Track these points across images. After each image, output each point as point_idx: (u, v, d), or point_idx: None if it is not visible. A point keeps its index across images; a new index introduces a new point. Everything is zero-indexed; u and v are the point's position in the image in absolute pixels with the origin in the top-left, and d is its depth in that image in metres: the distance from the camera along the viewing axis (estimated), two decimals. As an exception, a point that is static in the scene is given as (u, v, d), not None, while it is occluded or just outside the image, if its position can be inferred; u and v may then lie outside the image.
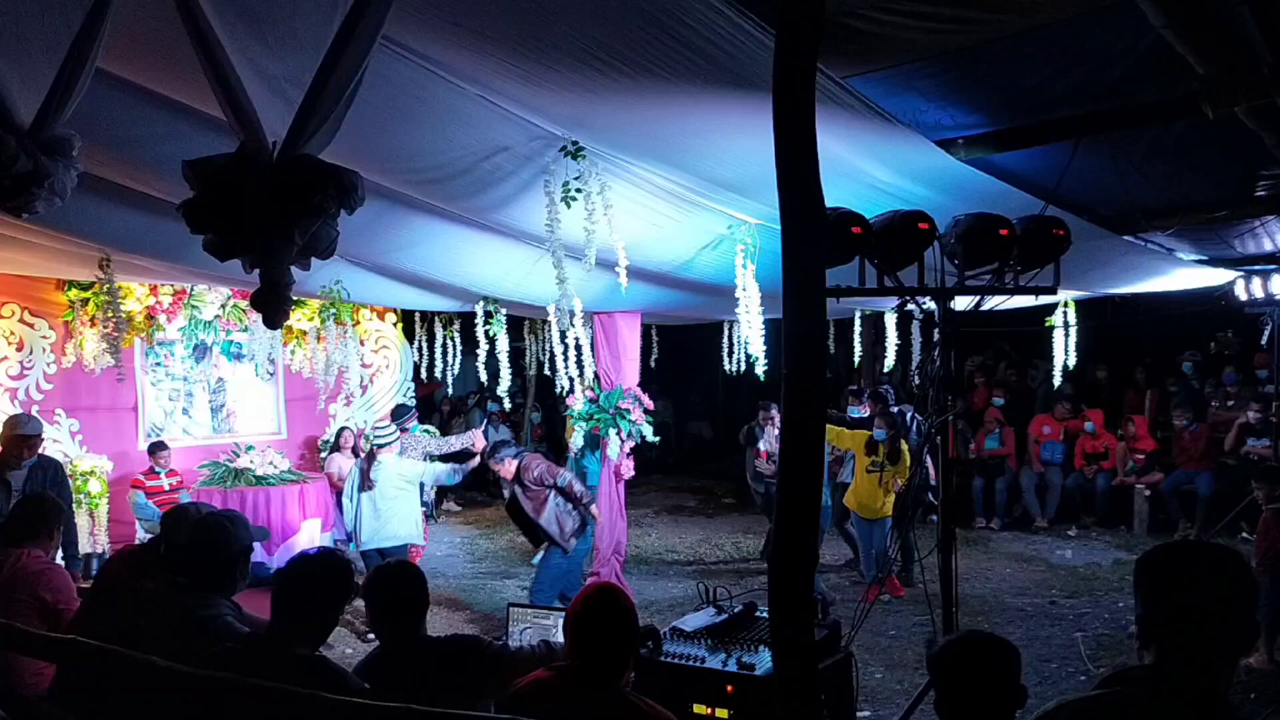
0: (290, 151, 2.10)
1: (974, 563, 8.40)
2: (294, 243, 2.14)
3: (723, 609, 3.90)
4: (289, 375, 9.57)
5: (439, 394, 13.88)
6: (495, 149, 3.65)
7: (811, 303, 1.73)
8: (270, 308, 2.21)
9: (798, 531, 1.66)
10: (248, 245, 2.14)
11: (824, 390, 1.72)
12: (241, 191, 2.09)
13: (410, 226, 4.98)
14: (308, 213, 2.14)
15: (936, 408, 3.96)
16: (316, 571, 2.59)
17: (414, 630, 2.77)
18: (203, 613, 2.82)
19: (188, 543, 2.95)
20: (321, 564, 2.63)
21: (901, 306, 4.26)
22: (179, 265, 6.01)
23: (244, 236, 2.13)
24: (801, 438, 1.63)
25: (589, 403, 7.34)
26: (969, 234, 3.90)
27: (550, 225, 3.78)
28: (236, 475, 8.31)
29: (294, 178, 2.10)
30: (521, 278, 5.96)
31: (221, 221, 2.13)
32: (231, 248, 2.16)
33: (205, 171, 2.14)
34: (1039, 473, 10.17)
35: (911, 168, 4.03)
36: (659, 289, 6.36)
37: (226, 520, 3.02)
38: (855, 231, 3.67)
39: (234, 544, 2.95)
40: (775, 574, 1.69)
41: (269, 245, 2.12)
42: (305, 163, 2.13)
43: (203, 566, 2.91)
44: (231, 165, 2.12)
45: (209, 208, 2.13)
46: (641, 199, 4.28)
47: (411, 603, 2.77)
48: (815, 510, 1.62)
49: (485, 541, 9.97)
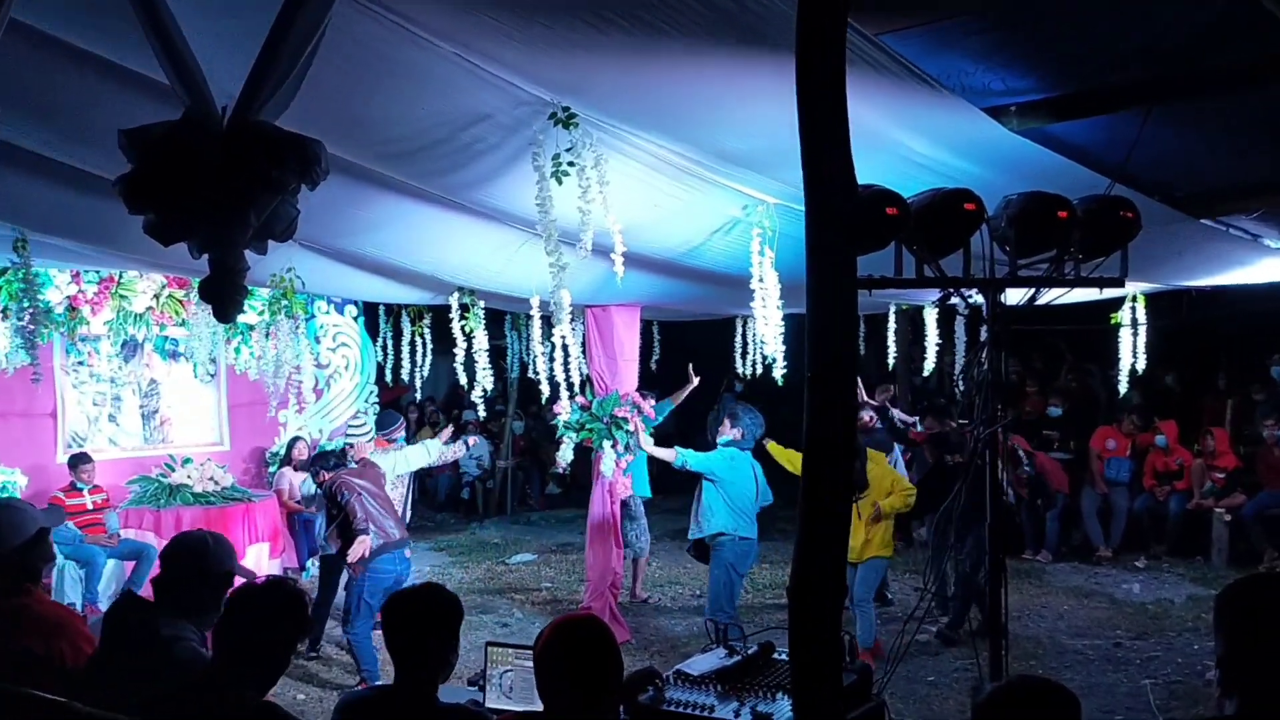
0: (243, 118, 2.12)
1: (1026, 598, 8.41)
2: (249, 223, 2.15)
3: (735, 650, 3.91)
4: (233, 377, 9.59)
5: (406, 399, 13.89)
6: (475, 117, 3.66)
7: (839, 295, 1.74)
8: (222, 298, 2.22)
9: (822, 560, 1.67)
10: (196, 226, 2.15)
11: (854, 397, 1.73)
12: (187, 164, 2.10)
13: (375, 206, 4.99)
14: (265, 188, 2.15)
15: (984, 418, 3.97)
16: (264, 604, 2.60)
17: (429, 679, 2.71)
18: (167, 632, 2.84)
19: (166, 561, 3.00)
20: (270, 595, 2.64)
21: (944, 300, 4.27)
22: (111, 249, 6.02)
23: (191, 216, 2.14)
24: (828, 451, 1.64)
25: (580, 410, 7.35)
26: (1022, 216, 3.90)
27: (542, 204, 3.79)
28: (171, 492, 8.33)
29: (248, 148, 2.11)
30: (503, 265, 5.97)
31: (165, 199, 2.13)
32: (177, 229, 2.17)
33: (145, 142, 2.15)
34: (1102, 494, 10.18)
35: (956, 139, 4.04)
36: (662, 279, 6.36)
37: (209, 537, 3.05)
38: (890, 213, 3.68)
39: (213, 567, 2.97)
40: (797, 609, 1.70)
41: (220, 226, 2.13)
42: (261, 131, 2.14)
43: (175, 586, 2.93)
44: (175, 134, 2.13)
45: (150, 183, 2.14)
46: (642, 175, 4.29)
47: (433, 640, 2.71)
48: (843, 535, 1.63)
49: (458, 571, 9.99)
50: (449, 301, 7.26)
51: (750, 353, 10.27)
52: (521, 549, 10.97)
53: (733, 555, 6.55)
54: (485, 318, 7.28)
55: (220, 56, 2.31)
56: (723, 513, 6.52)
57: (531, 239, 5.08)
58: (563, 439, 7.41)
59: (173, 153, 2.11)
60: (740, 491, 6.59)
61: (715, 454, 6.65)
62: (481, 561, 10.35)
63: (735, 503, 6.55)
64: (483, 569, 10.04)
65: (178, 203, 2.12)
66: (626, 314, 7.57)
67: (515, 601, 8.71)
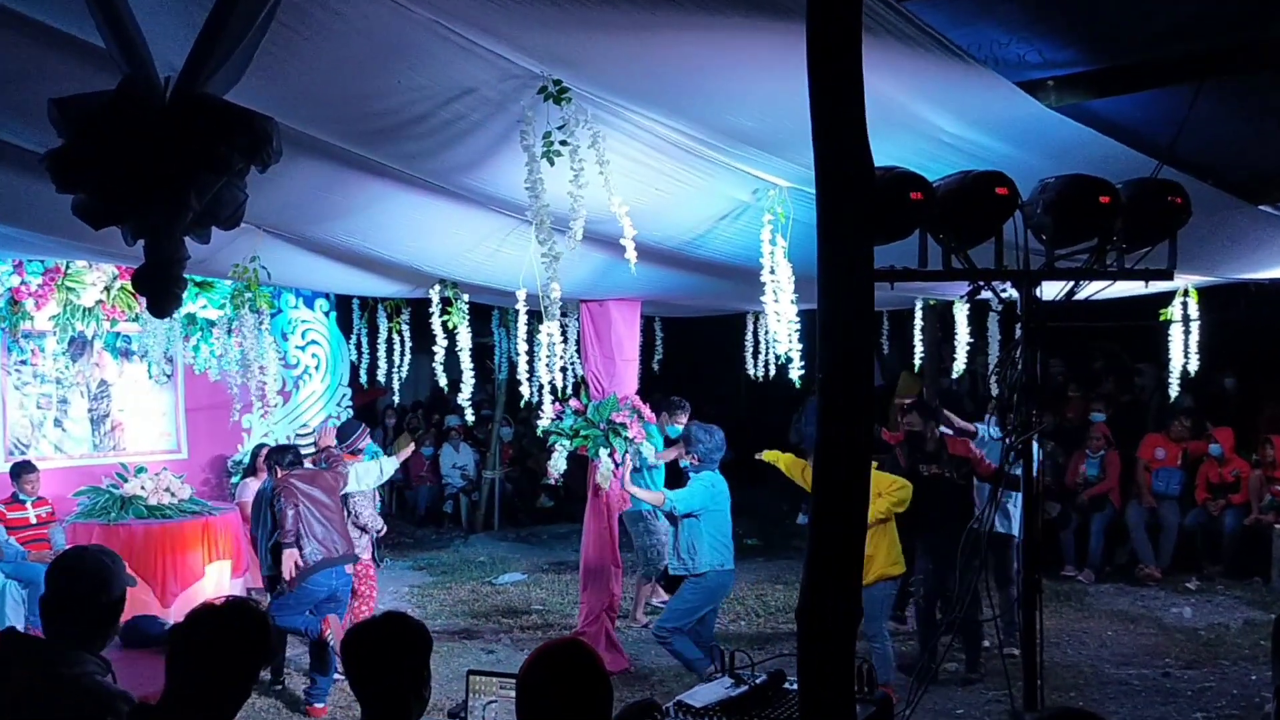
0: (187, 90, 2.11)
1: (1064, 622, 8.39)
2: (189, 206, 2.15)
3: (742, 679, 3.91)
4: (191, 378, 9.60)
5: (382, 402, 13.92)
6: (456, 91, 3.66)
7: (854, 288, 1.74)
8: (157, 290, 2.21)
9: (834, 579, 1.67)
10: (130, 208, 2.15)
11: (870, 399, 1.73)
12: (124, 139, 2.09)
13: (348, 190, 4.99)
14: (208, 168, 2.14)
15: (1019, 424, 3.97)
16: (224, 627, 2.60)
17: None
18: (69, 671, 2.83)
19: (54, 586, 2.97)
20: (230, 618, 2.64)
21: (974, 294, 4.28)
22: (55, 236, 6.02)
23: (126, 197, 2.13)
24: (840, 459, 1.64)
25: (574, 415, 7.35)
26: (1061, 202, 3.91)
27: (532, 187, 3.79)
28: (123, 505, 8.33)
29: (191, 123, 2.10)
30: (488, 255, 5.97)
31: (97, 177, 2.13)
32: (109, 211, 2.16)
33: (77, 113, 2.14)
34: (1150, 508, 10.17)
35: (986, 117, 4.03)
36: (664, 271, 6.36)
37: (106, 558, 3.03)
38: (914, 198, 3.69)
39: (115, 588, 2.96)
40: (806, 633, 1.70)
41: (157, 209, 2.12)
42: (205, 104, 2.13)
43: (73, 615, 2.91)
44: (111, 106, 2.12)
45: (81, 160, 2.13)
46: (642, 156, 4.29)
47: (397, 677, 2.72)
48: (857, 552, 1.63)
49: (440, 592, 9.99)
50: (429, 295, 7.26)
51: (762, 352, 10.26)
52: (509, 568, 10.97)
53: (715, 585, 6.60)
54: (469, 313, 7.27)
55: (164, 21, 2.30)
56: (707, 547, 6.51)
57: (520, 226, 5.08)
58: (555, 447, 7.41)
59: (108, 126, 2.10)
60: (723, 520, 6.62)
61: (697, 486, 6.61)
62: (465, 582, 10.34)
63: (718, 533, 6.56)
64: (467, 590, 10.03)
65: (111, 181, 2.11)
66: (626, 309, 7.57)
67: (502, 626, 8.70)
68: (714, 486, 6.60)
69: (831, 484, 1.70)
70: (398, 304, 9.99)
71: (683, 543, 6.57)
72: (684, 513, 6.56)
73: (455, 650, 7.97)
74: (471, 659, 7.68)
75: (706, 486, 6.58)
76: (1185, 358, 8.69)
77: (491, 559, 11.50)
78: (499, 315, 11.46)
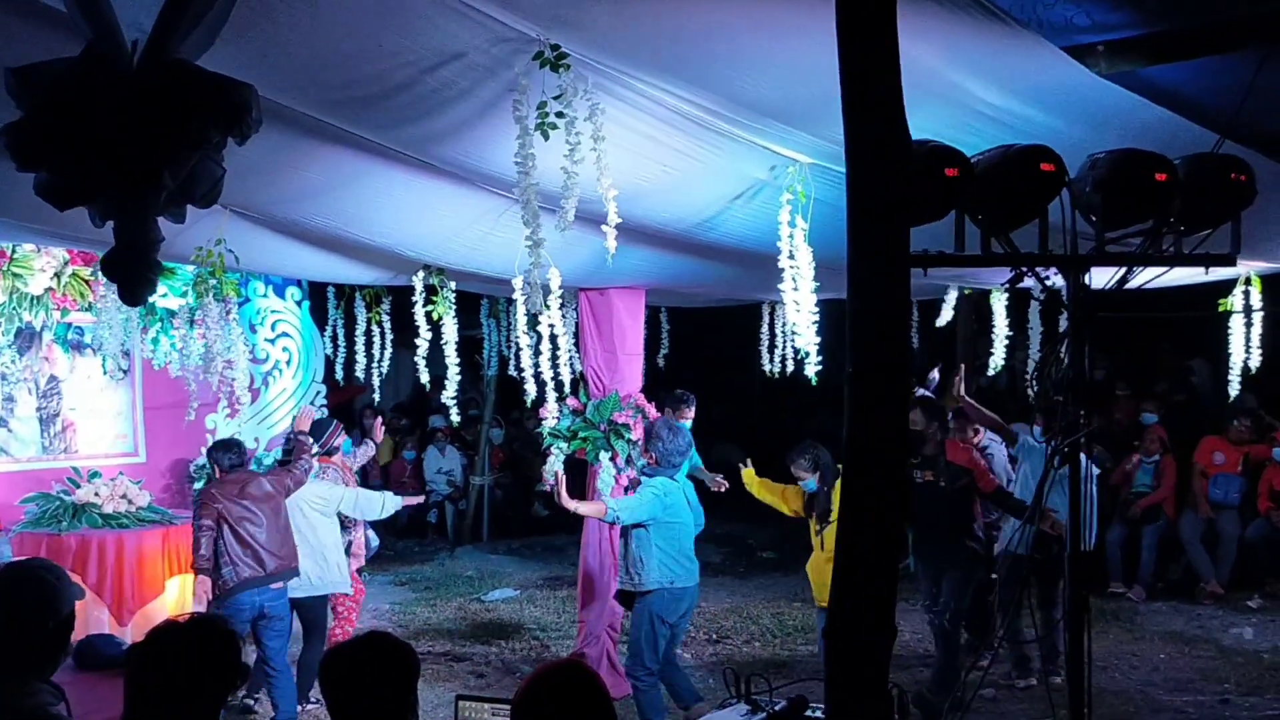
0: (158, 55, 2.11)
1: (1113, 644, 8.41)
2: (162, 184, 2.15)
3: (760, 706, 3.92)
4: (150, 374, 9.60)
5: (360, 400, 13.92)
6: (444, 57, 3.65)
7: (888, 275, 1.73)
8: (130, 275, 2.22)
9: (865, 593, 1.66)
10: (98, 187, 2.15)
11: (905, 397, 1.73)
12: (89, 111, 2.09)
13: (323, 166, 4.98)
14: (183, 141, 2.14)
15: (1065, 425, 3.97)
16: (189, 647, 2.61)
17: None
18: (22, 703, 2.83)
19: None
20: (195, 637, 2.64)
21: (1015, 282, 4.26)
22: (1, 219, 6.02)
23: (93, 175, 2.14)
24: (871, 462, 1.63)
25: (572, 415, 7.35)
26: (1112, 179, 3.90)
27: (522, 162, 3.78)
28: (75, 513, 8.34)
29: (164, 93, 2.10)
30: (479, 238, 5.97)
31: (61, 153, 2.13)
32: (76, 190, 2.16)
33: (38, 83, 2.15)
34: (1207, 518, 10.17)
35: (1030, 85, 4.02)
36: (671, 256, 6.36)
37: (49, 574, 3.02)
38: (950, 174, 3.68)
39: (62, 607, 2.95)
40: (834, 654, 1.70)
41: (128, 187, 2.12)
42: (179, 72, 2.14)
43: (18, 640, 2.90)
44: (75, 74, 2.12)
45: (43, 134, 2.14)
46: (647, 129, 4.28)
47: (379, 705, 2.72)
48: (890, 563, 1.62)
49: (424, 610, 10.01)
50: (412, 282, 7.26)
51: (779, 346, 10.25)
52: (501, 583, 10.98)
53: (660, 606, 6.39)
54: (457, 302, 7.27)
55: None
56: (655, 562, 6.37)
57: (513, 206, 5.06)
58: (550, 450, 7.41)
59: (71, 97, 2.11)
60: (676, 532, 6.45)
61: (646, 495, 6.45)
62: (452, 598, 10.35)
63: (670, 546, 6.40)
64: (454, 607, 10.04)
65: (77, 158, 2.11)
66: (629, 299, 7.57)
67: (493, 647, 8.72)
68: (667, 495, 6.44)
69: (861, 489, 1.70)
70: (377, 292, 9.99)
71: (630, 555, 6.44)
72: (628, 524, 6.42)
73: (442, 674, 7.98)
74: (460, 684, 7.71)
75: (657, 495, 6.41)
76: (1246, 352, 8.67)
77: (480, 573, 11.51)
78: (488, 305, 11.47)
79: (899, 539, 1.75)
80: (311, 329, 10.85)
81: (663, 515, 6.41)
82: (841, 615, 1.76)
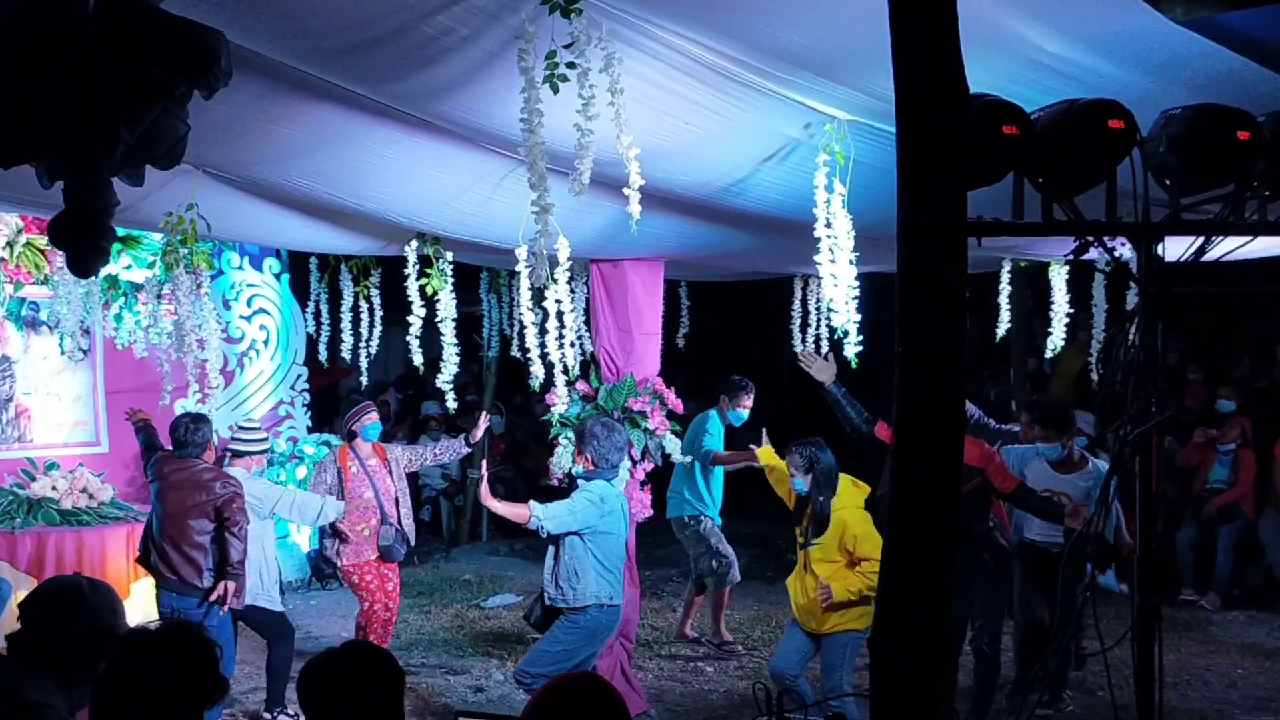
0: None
1: (1185, 657, 8.40)
2: (118, 140, 2.14)
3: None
4: (113, 354, 9.63)
5: (346, 384, 13.94)
6: (442, 2, 3.65)
7: (941, 245, 1.72)
8: (80, 243, 2.22)
9: (916, 598, 1.65)
10: (46, 142, 2.14)
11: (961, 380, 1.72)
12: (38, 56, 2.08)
13: (307, 122, 4.99)
14: (142, 92, 2.13)
15: (1134, 414, 3.95)
16: (161, 657, 2.62)
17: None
18: (31, 696, 2.89)
19: (27, 613, 3.12)
20: (168, 646, 2.66)
21: (1079, 253, 4.24)
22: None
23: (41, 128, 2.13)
24: (924, 452, 1.62)
25: (581, 401, 7.36)
26: (1189, 138, 3.88)
27: (528, 119, 3.77)
28: (30, 509, 8.38)
29: (122, 37, 2.09)
30: (479, 203, 5.98)
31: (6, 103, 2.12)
32: (21, 145, 2.16)
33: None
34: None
35: (1097, 33, 4.00)
36: (693, 224, 6.35)
37: (84, 584, 3.15)
38: (1007, 132, 3.66)
39: (88, 618, 3.06)
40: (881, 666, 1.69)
41: (80, 143, 2.12)
42: (140, 13, 2.13)
43: (39, 646, 3.02)
44: (23, 14, 2.11)
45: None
46: (668, 82, 4.26)
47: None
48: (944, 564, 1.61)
49: (418, 617, 10.04)
50: (405, 253, 7.26)
51: (812, 324, 10.23)
52: (501, 588, 11.01)
53: (595, 624, 6.37)
54: (454, 275, 7.27)
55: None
56: (592, 576, 6.30)
57: (519, 168, 5.07)
58: (558, 440, 7.42)
59: (18, 40, 2.10)
60: (614, 544, 6.39)
61: (579, 501, 6.34)
62: (449, 605, 10.39)
63: (607, 559, 6.35)
64: (450, 615, 10.08)
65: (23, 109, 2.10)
66: (646, 272, 7.56)
67: (493, 658, 8.75)
68: (603, 501, 6.32)
69: (912, 481, 1.69)
70: (366, 264, 9.99)
71: (563, 568, 6.32)
72: (555, 533, 6.29)
73: (438, 688, 8.02)
74: (457, 698, 7.75)
75: (592, 502, 6.29)
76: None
77: (479, 577, 11.54)
78: (489, 279, 11.47)
79: (955, 541, 1.74)
80: (292, 305, 10.87)
81: (600, 524, 6.31)
82: (889, 622, 1.75)
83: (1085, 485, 6.94)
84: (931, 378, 1.68)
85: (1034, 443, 7.23)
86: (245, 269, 10.50)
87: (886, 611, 1.75)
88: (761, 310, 11.34)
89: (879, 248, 4.19)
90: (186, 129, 2.37)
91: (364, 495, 7.72)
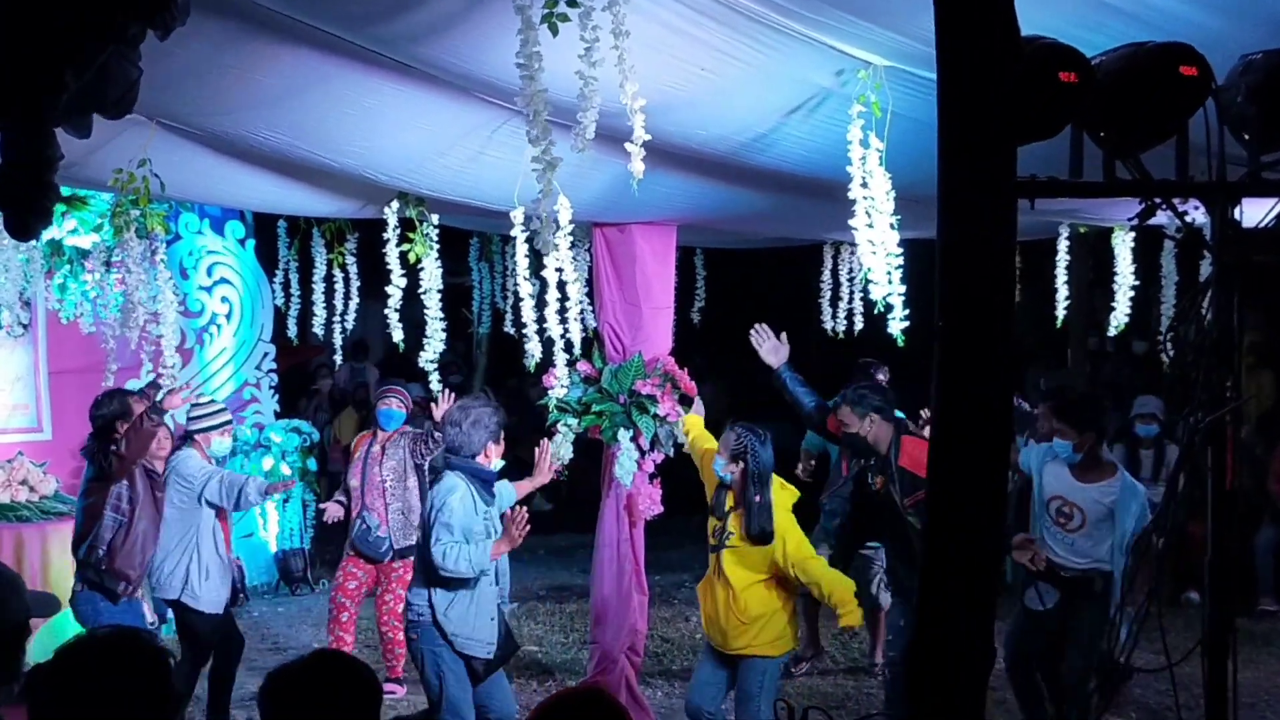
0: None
1: (1264, 674, 8.42)
2: (63, 86, 2.15)
3: (817, 748, 3.94)
4: (56, 330, 9.65)
5: (318, 362, 13.96)
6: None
7: (989, 208, 1.72)
8: (20, 201, 2.23)
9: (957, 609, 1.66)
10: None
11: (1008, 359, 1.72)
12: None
13: (276, 68, 5.00)
14: (88, 34, 2.14)
15: (1206, 398, 3.95)
16: (109, 667, 2.63)
17: None
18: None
19: None
20: (117, 655, 2.67)
21: (1146, 216, 4.24)
22: None
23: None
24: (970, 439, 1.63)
25: (583, 383, 7.37)
26: (1271, 87, 3.86)
27: (526, 63, 3.77)
28: (-36, 503, 8.43)
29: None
30: (468, 159, 5.99)
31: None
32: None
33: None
34: (1383, 520, 10.15)
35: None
36: (708, 184, 6.36)
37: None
38: (1065, 80, 3.64)
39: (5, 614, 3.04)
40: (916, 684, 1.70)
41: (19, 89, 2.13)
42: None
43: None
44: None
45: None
46: (682, 23, 4.26)
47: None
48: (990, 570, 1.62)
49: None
50: (384, 215, 7.27)
51: (844, 297, 10.23)
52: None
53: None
54: (440, 241, 7.28)
55: None
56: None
57: (513, 120, 5.07)
58: (556, 427, 7.43)
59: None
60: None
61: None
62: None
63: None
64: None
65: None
66: (656, 238, 7.56)
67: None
68: (460, 496, 6.29)
69: (956, 470, 1.70)
70: (340, 228, 10.00)
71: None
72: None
73: (423, 704, 8.05)
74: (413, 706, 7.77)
75: (453, 493, 6.25)
76: None
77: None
78: (479, 246, 11.48)
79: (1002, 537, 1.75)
80: (258, 274, 10.88)
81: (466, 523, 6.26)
82: (927, 636, 1.76)
83: (1105, 501, 6.45)
84: (976, 356, 1.68)
85: (1051, 438, 6.75)
86: (205, 233, 10.50)
87: (926, 620, 1.76)
88: (786, 281, 11.33)
89: (923, 210, 4.20)
90: (139, 74, 2.37)
91: (350, 483, 7.85)
